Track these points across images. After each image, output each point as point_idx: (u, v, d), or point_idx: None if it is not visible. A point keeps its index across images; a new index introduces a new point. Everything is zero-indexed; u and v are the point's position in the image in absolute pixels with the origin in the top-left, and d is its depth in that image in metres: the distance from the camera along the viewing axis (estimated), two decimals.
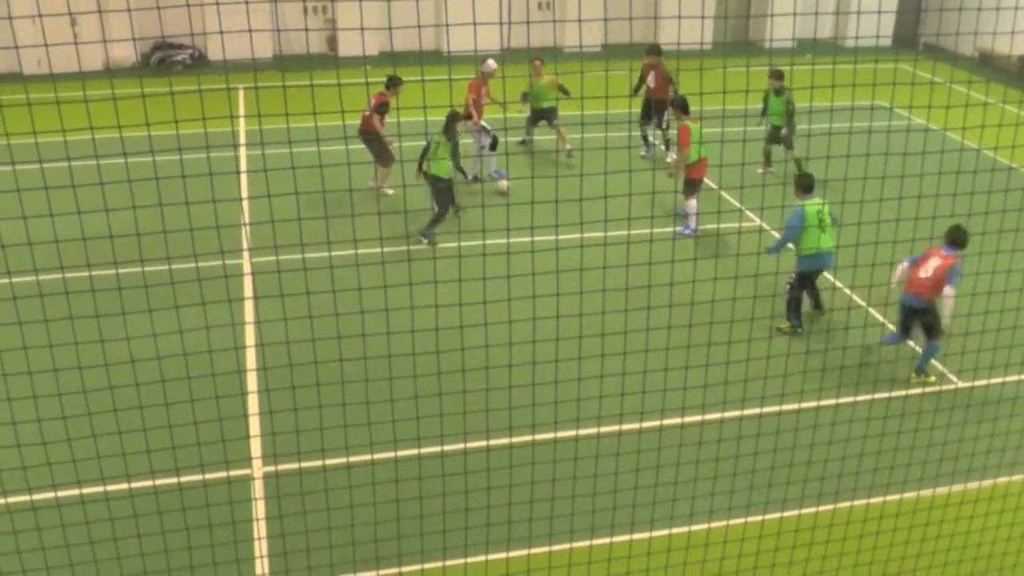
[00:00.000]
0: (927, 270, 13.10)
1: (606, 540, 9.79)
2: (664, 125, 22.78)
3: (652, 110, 23.02)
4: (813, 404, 11.91)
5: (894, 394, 12.87)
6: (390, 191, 20.39)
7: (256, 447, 11.63)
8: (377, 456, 10.17)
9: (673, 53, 23.01)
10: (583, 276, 8.97)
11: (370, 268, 9.11)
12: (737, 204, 19.19)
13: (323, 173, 7.16)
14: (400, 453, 9.89)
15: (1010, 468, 11.69)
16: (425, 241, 17.83)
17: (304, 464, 10.25)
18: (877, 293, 14.08)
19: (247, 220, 16.43)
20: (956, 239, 13.23)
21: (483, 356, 9.58)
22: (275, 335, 12.43)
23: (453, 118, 17.94)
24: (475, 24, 5.99)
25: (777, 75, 20.78)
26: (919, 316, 13.29)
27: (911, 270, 13.33)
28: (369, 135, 19.19)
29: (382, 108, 19.02)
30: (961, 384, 13.85)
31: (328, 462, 9.78)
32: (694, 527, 9.89)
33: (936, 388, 13.38)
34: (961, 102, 26.55)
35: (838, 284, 15.53)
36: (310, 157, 17.79)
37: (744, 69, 25.51)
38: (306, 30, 12.17)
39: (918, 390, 13.22)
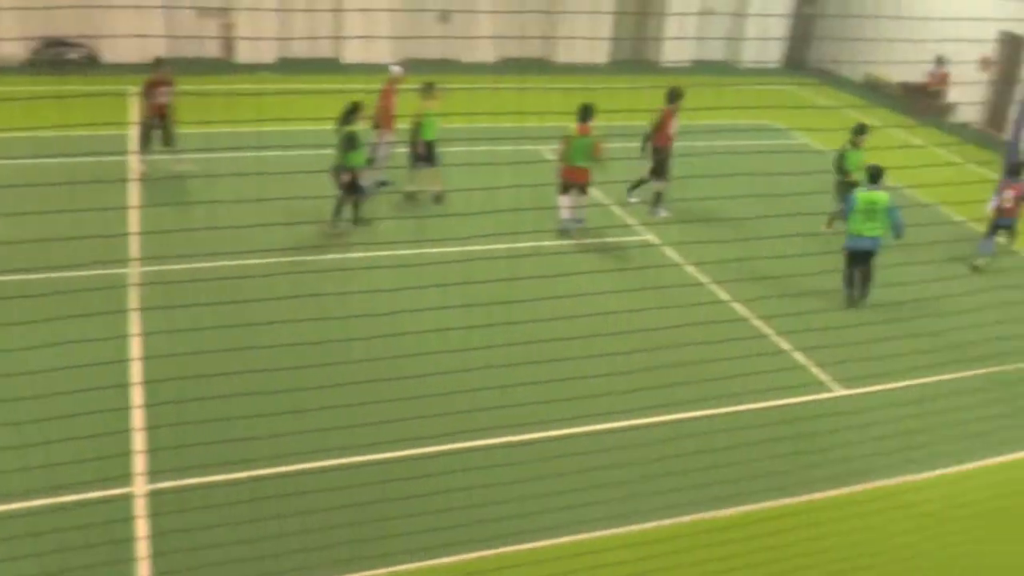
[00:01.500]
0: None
1: (473, 555, 9.75)
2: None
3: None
4: (697, 413, 11.98)
5: (770, 404, 12.98)
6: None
7: (139, 463, 11.29)
8: (263, 471, 9.96)
9: (569, 69, 23.05)
10: (484, 287, 8.87)
11: (255, 281, 8.92)
12: (628, 220, 19.32)
13: (215, 182, 6.95)
14: (285, 468, 9.71)
15: (885, 471, 12.03)
16: (339, 227, 17.76)
17: (189, 480, 9.98)
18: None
19: (137, 228, 16.04)
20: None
21: (365, 369, 9.44)
22: (160, 348, 12.11)
23: (352, 110, 17.71)
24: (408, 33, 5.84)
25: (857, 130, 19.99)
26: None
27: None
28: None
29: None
30: (843, 392, 14.11)
31: (214, 478, 9.54)
32: (563, 538, 9.94)
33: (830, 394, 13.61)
34: (849, 125, 27.05)
35: (724, 297, 15.66)
36: (202, 165, 17.50)
37: (640, 88, 25.75)
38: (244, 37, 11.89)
39: (799, 399, 13.37)
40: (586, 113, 18.43)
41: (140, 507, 10.69)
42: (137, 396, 11.74)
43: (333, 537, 9.40)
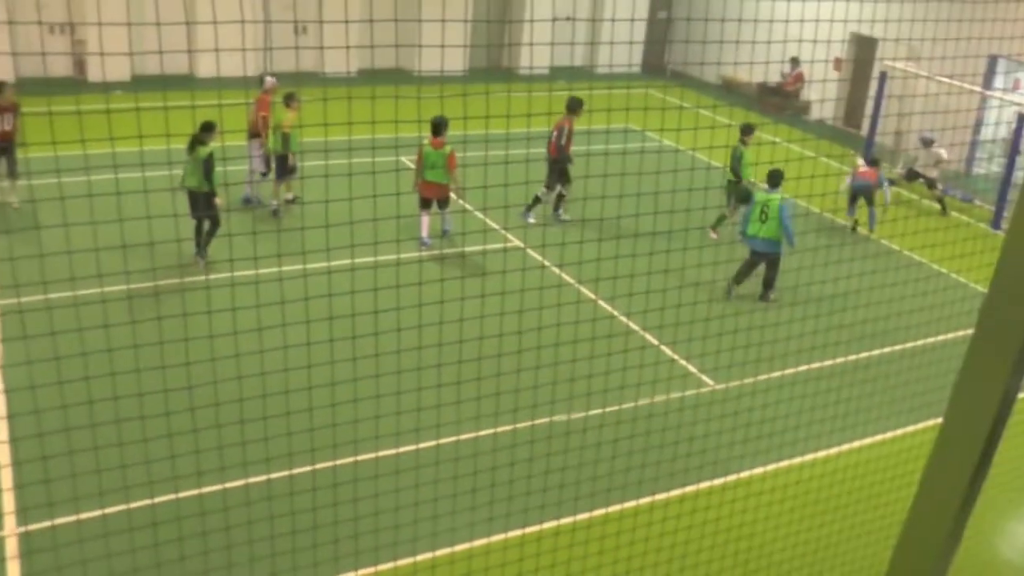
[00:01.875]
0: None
1: (371, 569, 9.67)
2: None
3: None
4: (564, 417, 12.06)
5: (642, 402, 13.15)
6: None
7: (7, 502, 10.99)
8: (138, 503, 9.77)
9: (437, 80, 23.05)
10: (354, 300, 8.83)
11: (117, 304, 8.77)
12: (494, 225, 19.41)
13: (64, 206, 6.82)
14: (157, 499, 9.53)
15: (752, 458, 12.34)
16: (202, 262, 16.78)
17: (64, 517, 9.75)
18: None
19: None
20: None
21: (231, 388, 9.32)
22: (20, 380, 11.80)
23: (205, 130, 17.05)
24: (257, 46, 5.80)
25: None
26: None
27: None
28: None
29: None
30: (714, 386, 14.41)
31: (89, 514, 9.35)
32: (457, 546, 9.89)
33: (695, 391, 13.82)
34: (707, 125, 27.51)
35: (592, 295, 15.82)
36: (52, 189, 17.09)
37: (501, 95, 25.83)
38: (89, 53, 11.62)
39: (669, 395, 13.56)
40: (438, 126, 18.62)
41: (12, 548, 10.43)
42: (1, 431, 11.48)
43: (210, 563, 9.27)
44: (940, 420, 3.79)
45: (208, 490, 10.17)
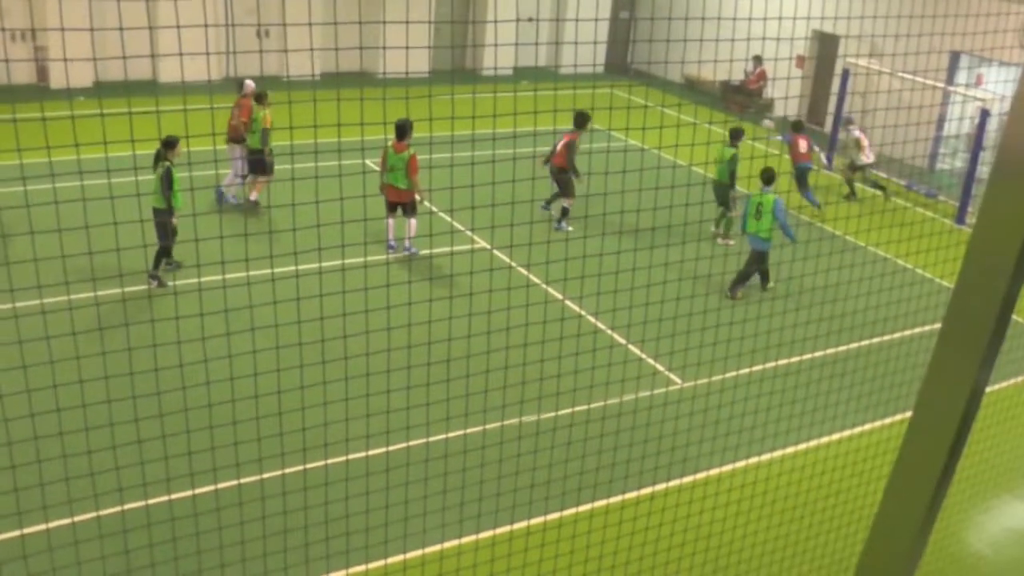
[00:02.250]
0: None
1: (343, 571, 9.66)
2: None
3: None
4: (533, 417, 12.08)
5: (610, 401, 13.19)
6: None
7: None
8: (108, 510, 9.72)
9: (400, 82, 23.03)
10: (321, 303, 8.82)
11: (85, 311, 8.72)
12: (460, 227, 19.41)
13: (30, 214, 6.78)
14: (127, 506, 9.48)
15: (720, 455, 12.37)
16: (154, 283, 16.67)
17: (29, 528, 9.67)
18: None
19: None
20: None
21: (199, 394, 9.29)
22: None
23: (166, 144, 16.51)
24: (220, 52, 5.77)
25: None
26: None
27: None
28: None
29: None
30: (681, 384, 14.47)
31: (59, 522, 9.28)
32: (428, 548, 9.89)
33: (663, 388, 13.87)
34: (671, 124, 27.54)
35: (559, 296, 15.84)
36: (17, 197, 17.00)
37: (466, 96, 25.94)
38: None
39: (638, 394, 13.60)
40: (401, 129, 18.58)
41: None
42: None
43: (181, 569, 9.24)
44: (908, 415, 3.82)
45: (178, 496, 10.14)
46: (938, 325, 3.41)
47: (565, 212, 21.53)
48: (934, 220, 23.43)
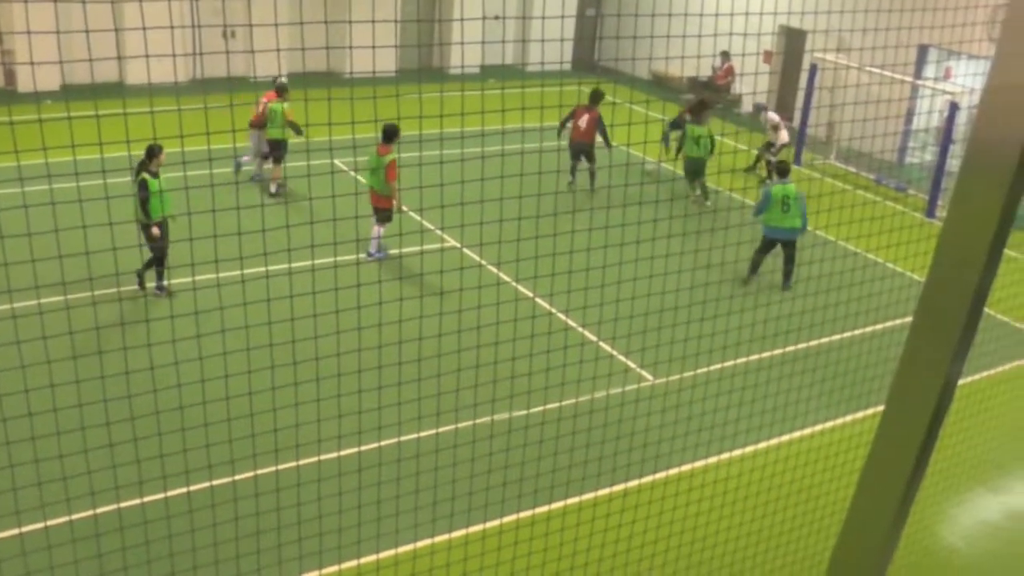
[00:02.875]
0: None
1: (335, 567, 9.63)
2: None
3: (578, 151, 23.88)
4: (505, 415, 12.07)
5: (582, 398, 13.19)
6: None
7: None
8: (81, 514, 9.66)
9: (367, 81, 22.97)
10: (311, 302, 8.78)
11: (56, 315, 8.65)
12: (429, 226, 19.38)
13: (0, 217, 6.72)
14: (100, 509, 9.41)
15: (693, 451, 12.45)
16: (141, 290, 16.59)
17: (27, 527, 9.60)
18: None
19: None
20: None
21: (172, 396, 9.24)
22: None
23: (150, 155, 16.32)
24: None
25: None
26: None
27: None
28: None
29: None
30: (653, 380, 14.50)
31: (51, 522, 9.22)
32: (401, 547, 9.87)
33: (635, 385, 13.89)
34: (639, 120, 27.75)
35: (529, 293, 15.84)
36: None
37: (433, 95, 25.80)
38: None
39: (610, 391, 13.60)
40: (387, 134, 18.61)
41: None
42: None
43: (154, 571, 9.19)
44: (880, 409, 3.83)
45: (150, 499, 10.09)
46: (909, 319, 3.41)
47: (593, 176, 23.31)
48: (904, 214, 23.52)
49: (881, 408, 3.65)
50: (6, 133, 7.69)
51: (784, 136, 26.13)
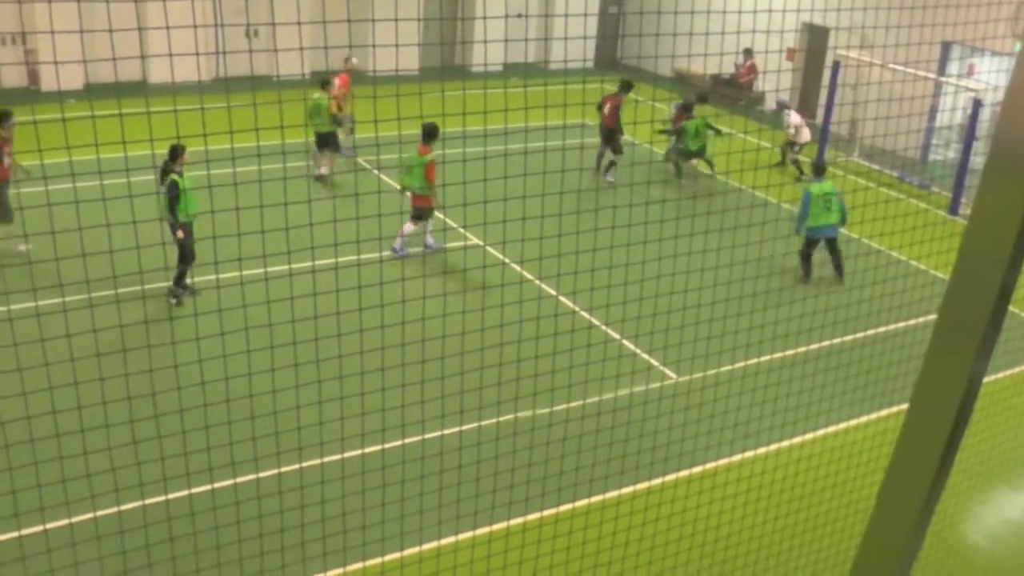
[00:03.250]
0: None
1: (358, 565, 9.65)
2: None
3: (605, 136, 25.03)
4: (528, 413, 12.07)
5: (606, 396, 13.18)
6: (23, 247, 16.63)
7: None
8: (105, 511, 9.71)
9: (391, 80, 23.04)
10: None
11: (79, 313, 8.70)
12: (453, 224, 19.39)
13: (23, 216, 6.76)
14: (124, 507, 9.47)
15: (716, 450, 12.39)
16: (174, 300, 16.15)
17: (27, 530, 9.66)
18: None
19: None
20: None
21: (195, 394, 9.27)
22: None
23: (174, 155, 16.14)
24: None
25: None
26: None
27: None
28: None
29: None
30: (677, 378, 14.48)
31: (56, 523, 9.27)
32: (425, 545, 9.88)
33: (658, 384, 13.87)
34: (661, 118, 27.67)
35: (553, 291, 15.83)
36: (12, 200, 16.92)
37: (456, 93, 25.86)
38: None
39: (633, 388, 13.60)
40: (427, 133, 18.68)
41: None
42: None
43: (177, 568, 9.22)
44: (904, 407, 3.81)
45: (174, 496, 10.12)
46: (933, 316, 3.41)
47: (612, 164, 24.24)
48: (927, 211, 23.43)
49: (905, 406, 3.64)
50: (30, 132, 7.74)
51: (806, 135, 26.18)
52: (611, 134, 24.49)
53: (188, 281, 16.65)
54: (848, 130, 28.46)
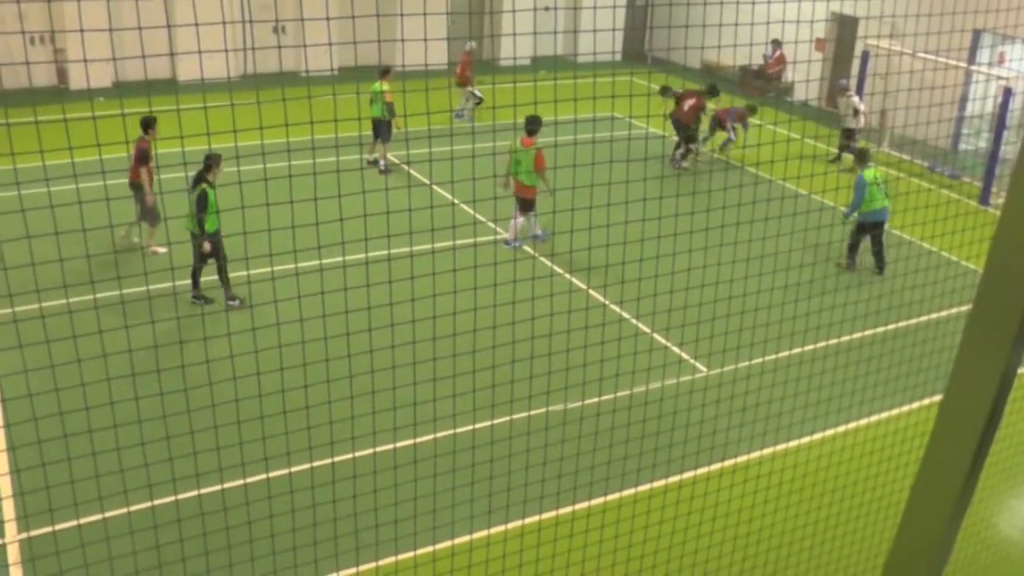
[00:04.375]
0: None
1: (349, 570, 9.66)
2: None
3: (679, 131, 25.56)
4: (559, 406, 12.06)
5: (637, 389, 13.15)
6: (162, 250, 17.26)
7: (8, 509, 10.96)
8: (138, 506, 9.76)
9: (420, 74, 23.08)
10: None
11: (110, 308, 8.74)
12: (482, 218, 19.39)
13: (55, 214, 6.80)
14: (157, 502, 9.51)
15: (748, 443, 12.42)
16: (235, 303, 15.19)
17: (65, 523, 9.73)
18: None
19: None
20: None
21: (227, 389, 9.30)
22: (17, 389, 11.76)
23: (208, 165, 15.44)
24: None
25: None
26: None
27: None
28: (137, 186, 16.56)
29: (144, 156, 16.01)
30: (710, 371, 14.42)
31: (90, 518, 9.33)
32: (440, 544, 9.97)
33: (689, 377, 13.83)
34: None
35: (583, 285, 15.81)
36: (41, 199, 16.96)
37: (486, 87, 25.90)
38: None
39: (664, 382, 13.57)
40: (531, 124, 18.48)
41: (14, 554, 10.40)
42: None
43: (213, 562, 9.26)
44: (936, 399, 3.78)
45: (207, 491, 10.17)
46: (965, 308, 3.38)
47: (685, 153, 25.05)
48: (958, 201, 23.27)
49: (938, 398, 3.61)
50: (59, 130, 7.78)
51: (863, 121, 25.99)
52: (682, 129, 25.01)
53: (201, 291, 16.33)
54: (878, 120, 28.29)
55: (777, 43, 32.74)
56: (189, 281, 16.04)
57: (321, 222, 8.14)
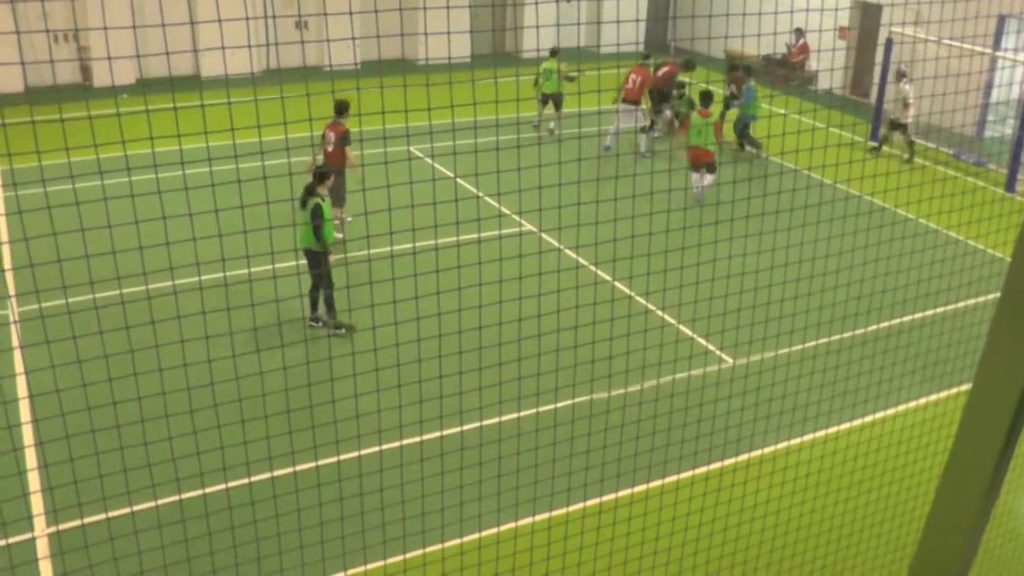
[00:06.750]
0: None
1: (376, 564, 9.68)
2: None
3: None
4: (585, 398, 12.07)
5: (664, 380, 13.14)
6: (350, 218, 17.61)
7: (37, 504, 11.03)
8: (165, 500, 9.81)
9: (444, 68, 23.02)
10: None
11: (136, 304, 8.77)
12: (506, 211, 19.39)
13: (80, 211, 6.83)
14: (185, 495, 9.56)
15: (775, 434, 12.52)
16: (342, 331, 13.33)
17: (89, 519, 9.77)
18: None
19: (10, 265, 15.64)
20: None
21: (254, 384, 9.33)
22: (46, 385, 11.81)
23: (320, 178, 14.70)
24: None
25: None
26: None
27: None
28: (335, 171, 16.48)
29: (345, 138, 16.42)
30: (732, 362, 14.40)
31: (119, 511, 9.37)
32: (467, 536, 10.01)
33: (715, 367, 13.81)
34: (716, 100, 27.50)
35: (608, 277, 15.79)
36: (66, 195, 17.04)
37: (508, 80, 25.87)
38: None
39: (690, 372, 13.55)
40: (705, 98, 21.96)
41: (43, 548, 10.47)
42: (28, 436, 11.50)
43: (240, 556, 9.30)
44: (964, 388, 3.76)
45: (234, 484, 10.21)
46: (991, 296, 3.36)
47: (651, 126, 24.98)
48: (984, 189, 23.14)
49: (966, 387, 3.59)
50: (84, 127, 7.81)
51: (912, 113, 25.76)
52: (659, 94, 25.11)
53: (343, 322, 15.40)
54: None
55: (800, 32, 32.61)
56: (313, 310, 13.93)
57: (358, 215, 8.15)
